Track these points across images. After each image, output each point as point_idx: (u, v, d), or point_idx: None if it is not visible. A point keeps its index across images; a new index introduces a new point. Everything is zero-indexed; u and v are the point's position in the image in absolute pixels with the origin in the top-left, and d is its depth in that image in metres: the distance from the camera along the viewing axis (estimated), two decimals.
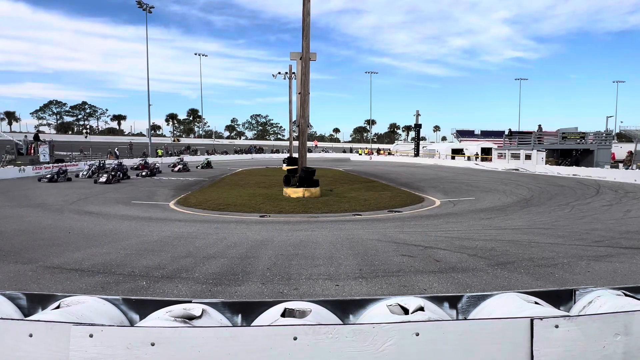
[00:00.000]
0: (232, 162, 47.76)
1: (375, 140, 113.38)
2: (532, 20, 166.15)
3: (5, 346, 1.67)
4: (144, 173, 27.99)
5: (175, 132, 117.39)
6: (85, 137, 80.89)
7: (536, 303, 2.09)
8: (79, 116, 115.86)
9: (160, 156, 48.83)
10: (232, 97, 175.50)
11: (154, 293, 5.49)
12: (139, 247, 8.33)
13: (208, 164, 38.53)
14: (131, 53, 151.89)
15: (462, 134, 64.05)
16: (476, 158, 43.61)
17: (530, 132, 37.82)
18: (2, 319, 1.78)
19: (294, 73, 32.80)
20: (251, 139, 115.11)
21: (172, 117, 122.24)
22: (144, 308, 2.18)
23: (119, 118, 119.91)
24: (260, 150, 70.19)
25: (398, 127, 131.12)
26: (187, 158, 51.11)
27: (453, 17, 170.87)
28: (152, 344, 1.62)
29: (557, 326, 1.64)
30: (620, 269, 6.47)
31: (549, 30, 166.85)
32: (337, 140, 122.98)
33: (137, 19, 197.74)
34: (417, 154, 52.10)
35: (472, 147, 48.46)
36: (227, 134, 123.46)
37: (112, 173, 24.17)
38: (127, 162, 36.86)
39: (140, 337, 1.63)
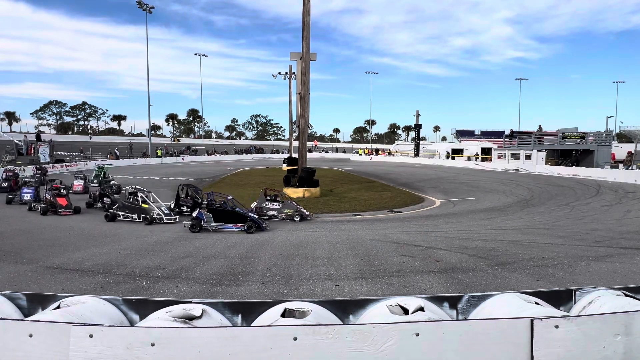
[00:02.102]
0: (232, 163, 47.79)
1: (375, 140, 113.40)
2: (533, 20, 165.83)
3: (5, 346, 1.67)
4: None
5: (175, 132, 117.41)
6: (90, 137, 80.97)
7: (536, 303, 2.09)
8: (79, 116, 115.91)
9: (160, 156, 48.76)
10: (232, 97, 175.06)
11: (154, 293, 5.49)
12: (139, 247, 8.34)
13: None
14: (131, 53, 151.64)
15: (462, 134, 64.07)
16: (476, 158, 43.61)
17: (531, 132, 37.79)
18: (2, 319, 1.78)
19: (294, 73, 32.83)
20: (251, 139, 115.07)
21: (172, 117, 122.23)
22: (144, 308, 2.18)
23: (119, 118, 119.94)
24: (260, 150, 70.20)
25: (398, 127, 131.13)
26: (187, 158, 51.07)
27: (454, 16, 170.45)
28: (152, 344, 1.62)
29: (557, 326, 1.64)
30: (620, 269, 6.47)
31: (550, 30, 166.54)
32: (337, 141, 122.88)
33: (137, 19, 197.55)
34: (417, 154, 52.09)
35: (472, 147, 48.45)
36: (227, 134, 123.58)
37: None
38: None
39: (140, 337, 1.63)
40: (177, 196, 13.11)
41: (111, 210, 11.94)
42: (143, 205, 11.62)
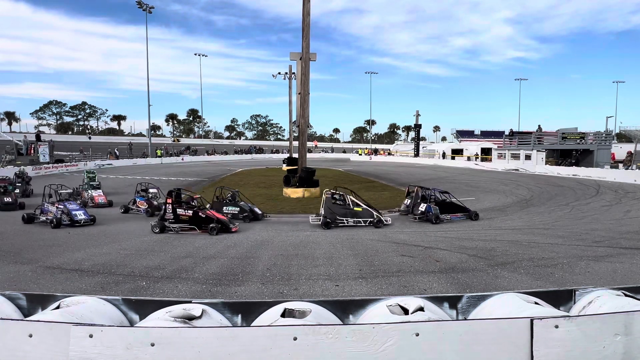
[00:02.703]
0: (232, 163, 47.80)
1: (375, 140, 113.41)
2: (534, 20, 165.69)
3: (5, 346, 1.67)
4: None
5: (175, 132, 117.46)
6: (89, 137, 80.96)
7: (536, 303, 2.09)
8: (79, 116, 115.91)
9: (160, 156, 48.77)
10: (232, 97, 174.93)
11: (154, 293, 5.49)
12: (138, 247, 8.33)
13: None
14: (131, 53, 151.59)
15: (462, 134, 64.03)
16: (476, 158, 43.60)
17: (531, 133, 37.75)
18: (2, 319, 1.78)
19: (294, 73, 32.82)
20: (251, 139, 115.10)
21: (172, 118, 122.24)
22: (144, 308, 2.18)
23: (119, 118, 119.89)
24: (260, 150, 70.17)
25: (398, 127, 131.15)
26: (187, 158, 51.10)
27: (455, 16, 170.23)
28: (152, 344, 1.62)
29: (557, 326, 1.64)
30: (620, 269, 6.47)
31: (550, 30, 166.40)
32: (337, 141, 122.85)
33: (137, 19, 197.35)
34: (417, 154, 52.08)
35: (472, 147, 48.44)
36: (227, 134, 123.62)
37: None
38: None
39: (140, 337, 1.63)
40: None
41: (327, 218, 10.72)
42: (356, 209, 11.04)
